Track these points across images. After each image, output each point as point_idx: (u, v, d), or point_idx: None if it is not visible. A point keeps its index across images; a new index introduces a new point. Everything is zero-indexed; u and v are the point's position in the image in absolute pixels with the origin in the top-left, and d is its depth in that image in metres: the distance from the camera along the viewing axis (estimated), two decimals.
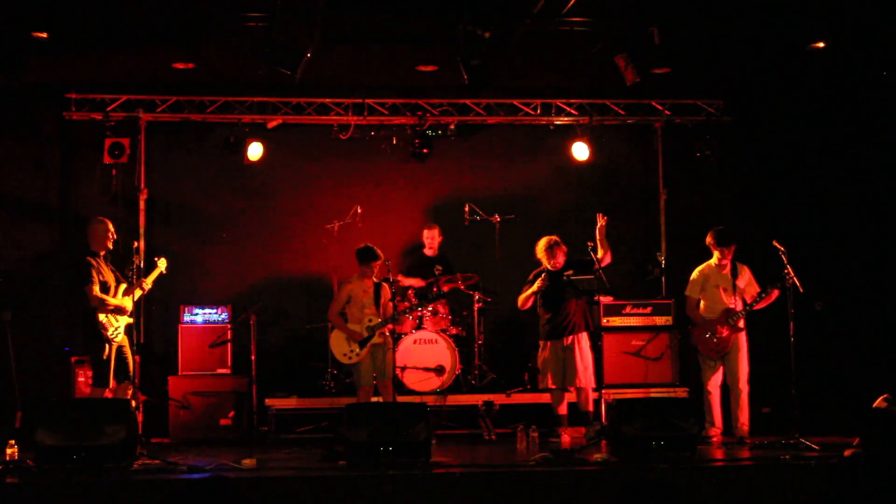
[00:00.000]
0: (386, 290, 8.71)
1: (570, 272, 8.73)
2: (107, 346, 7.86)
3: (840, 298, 9.69)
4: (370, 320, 8.57)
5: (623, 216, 10.70)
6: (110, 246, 8.11)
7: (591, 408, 8.67)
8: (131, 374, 7.96)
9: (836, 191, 10.48)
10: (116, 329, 7.93)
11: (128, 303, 8.00)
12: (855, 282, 10.20)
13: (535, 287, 8.74)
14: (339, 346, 8.62)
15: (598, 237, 8.72)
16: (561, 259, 8.72)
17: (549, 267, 8.73)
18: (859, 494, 4.24)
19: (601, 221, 8.76)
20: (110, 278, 8.06)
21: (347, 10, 8.14)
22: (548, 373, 8.69)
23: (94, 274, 7.89)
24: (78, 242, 9.99)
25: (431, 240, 9.99)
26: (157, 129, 10.18)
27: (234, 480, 4.05)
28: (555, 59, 9.42)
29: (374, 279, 8.71)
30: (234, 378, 9.33)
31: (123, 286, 8.05)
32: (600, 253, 8.66)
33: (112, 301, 7.94)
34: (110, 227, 8.12)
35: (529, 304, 8.84)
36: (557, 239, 8.76)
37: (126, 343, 7.98)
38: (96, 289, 7.88)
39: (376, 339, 8.53)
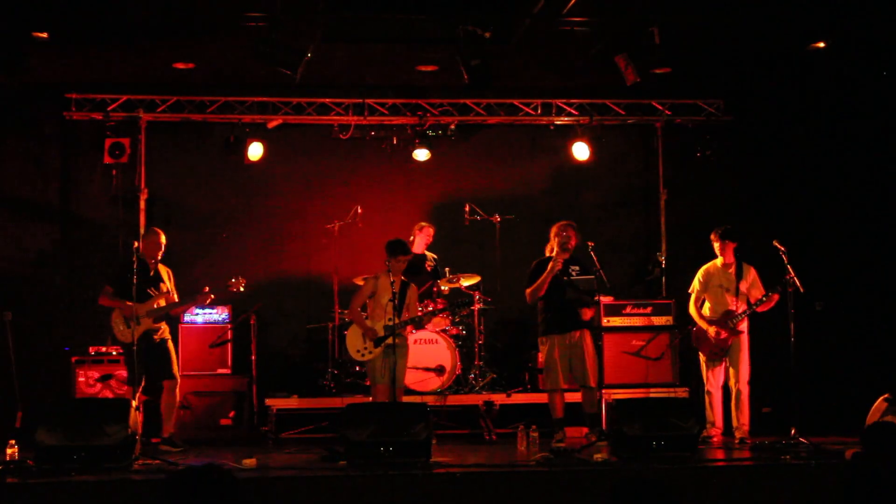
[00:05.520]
0: (413, 292, 8.29)
1: (577, 268, 8.29)
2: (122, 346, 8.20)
3: (840, 298, 9.68)
4: (390, 319, 8.05)
5: (623, 216, 10.76)
6: (159, 255, 8.37)
7: (596, 409, 8.30)
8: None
9: (836, 191, 10.48)
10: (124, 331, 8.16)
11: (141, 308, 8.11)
12: (855, 282, 10.20)
13: (547, 272, 8.21)
14: (354, 342, 8.16)
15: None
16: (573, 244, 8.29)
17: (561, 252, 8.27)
18: (864, 495, 4.23)
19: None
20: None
21: (347, 10, 8.15)
22: (556, 371, 8.23)
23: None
24: (78, 242, 10.07)
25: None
26: (158, 129, 10.17)
27: (230, 472, 3.99)
28: (555, 59, 9.43)
29: (401, 277, 8.19)
30: (234, 378, 9.34)
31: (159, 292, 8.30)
32: None
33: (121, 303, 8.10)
34: (162, 238, 8.39)
35: (542, 292, 8.27)
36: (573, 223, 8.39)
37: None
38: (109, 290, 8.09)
39: (392, 340, 8.03)
